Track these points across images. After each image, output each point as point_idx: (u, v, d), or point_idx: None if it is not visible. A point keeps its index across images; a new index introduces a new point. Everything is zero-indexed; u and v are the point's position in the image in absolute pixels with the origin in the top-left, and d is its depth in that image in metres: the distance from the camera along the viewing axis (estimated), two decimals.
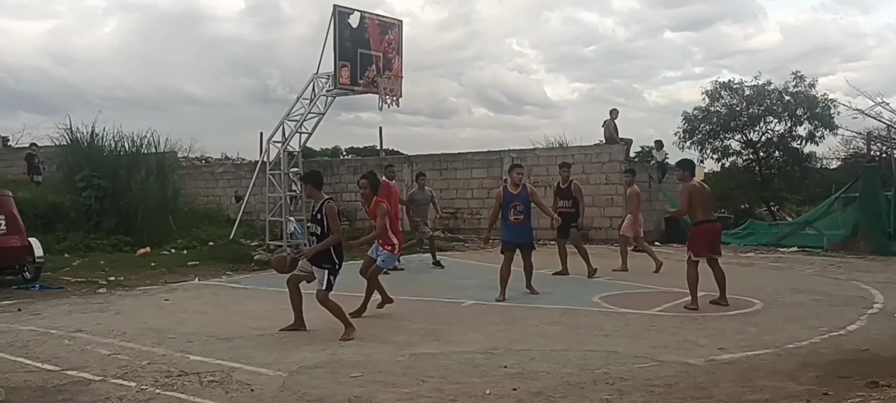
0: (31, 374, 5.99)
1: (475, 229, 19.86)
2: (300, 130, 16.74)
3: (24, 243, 11.62)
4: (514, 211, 9.82)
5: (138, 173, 16.83)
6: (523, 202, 9.85)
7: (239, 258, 14.44)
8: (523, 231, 9.99)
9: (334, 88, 16.23)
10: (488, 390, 5.42)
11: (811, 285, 10.87)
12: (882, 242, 15.86)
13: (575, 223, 12.33)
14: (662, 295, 10.06)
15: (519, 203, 9.84)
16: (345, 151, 38.90)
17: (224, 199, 23.06)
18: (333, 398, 5.29)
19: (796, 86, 25.69)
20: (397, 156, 24.56)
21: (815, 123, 25.29)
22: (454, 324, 8.12)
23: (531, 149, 21.08)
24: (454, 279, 12.18)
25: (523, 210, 9.83)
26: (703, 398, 5.14)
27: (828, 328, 7.63)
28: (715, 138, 27.59)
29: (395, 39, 17.14)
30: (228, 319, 8.42)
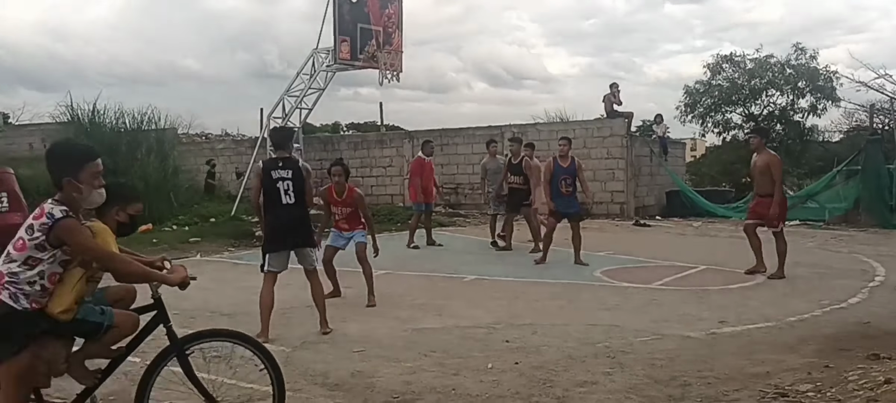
0: None
1: (476, 204, 19.85)
2: (300, 106, 16.72)
3: None
4: (563, 183, 10.34)
5: (139, 150, 16.83)
6: (571, 175, 10.39)
7: (241, 234, 14.46)
8: (571, 201, 10.46)
9: (334, 64, 16.18)
10: (490, 364, 5.45)
11: (813, 258, 10.88)
12: (884, 215, 15.87)
13: (527, 200, 12.13)
14: (664, 268, 10.08)
15: (567, 175, 10.36)
16: (345, 127, 38.83)
17: (225, 175, 23.05)
18: (336, 372, 5.32)
19: (798, 58, 25.57)
20: (398, 132, 24.51)
21: (817, 95, 25.21)
22: (456, 299, 8.15)
23: (532, 124, 21.01)
24: (455, 254, 12.20)
25: (571, 182, 10.38)
26: (704, 371, 5.16)
27: (829, 301, 7.65)
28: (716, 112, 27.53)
29: (395, 13, 17.05)
30: (231, 295, 8.45)
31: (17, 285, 3.23)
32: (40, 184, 16.51)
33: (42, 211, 3.31)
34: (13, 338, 3.21)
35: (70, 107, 17.23)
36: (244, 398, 4.34)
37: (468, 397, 4.76)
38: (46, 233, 3.25)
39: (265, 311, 6.34)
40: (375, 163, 21.83)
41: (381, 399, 4.76)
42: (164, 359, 3.72)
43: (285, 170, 6.39)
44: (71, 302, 3.36)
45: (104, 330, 3.52)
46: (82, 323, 3.45)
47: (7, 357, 3.21)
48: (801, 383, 4.65)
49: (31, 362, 3.27)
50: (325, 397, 4.82)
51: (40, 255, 3.27)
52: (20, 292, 3.23)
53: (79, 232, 3.29)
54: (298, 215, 6.42)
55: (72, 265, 3.37)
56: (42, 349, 3.32)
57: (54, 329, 3.35)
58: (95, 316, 3.51)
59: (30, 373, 3.30)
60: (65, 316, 3.36)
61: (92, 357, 3.61)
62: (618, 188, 18.59)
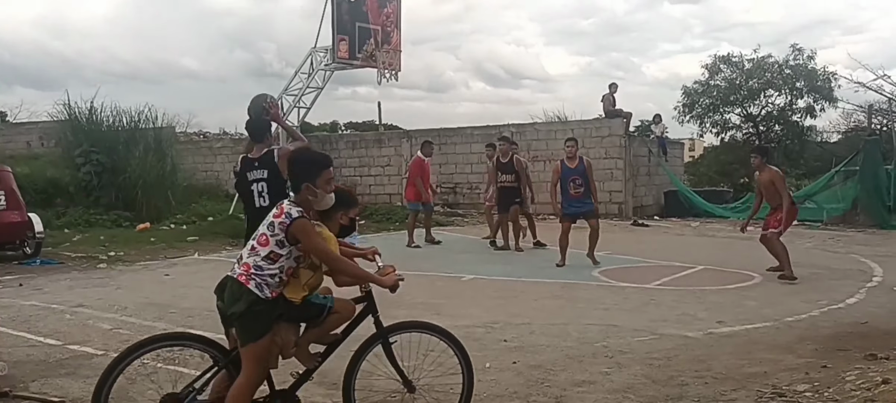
0: (33, 348, 6.02)
1: (474, 204, 19.86)
2: (298, 105, 16.71)
3: (25, 218, 11.63)
4: (573, 184, 10.25)
5: (137, 148, 16.80)
6: (580, 175, 10.28)
7: (238, 233, 14.41)
8: (583, 201, 10.34)
9: (332, 62, 16.17)
10: (488, 363, 5.45)
11: (810, 258, 10.90)
12: (882, 216, 15.89)
13: (518, 198, 12.19)
14: (662, 268, 10.09)
15: (577, 176, 10.26)
16: (343, 126, 38.83)
17: (223, 174, 23.03)
18: (334, 372, 5.29)
19: (795, 58, 25.60)
20: (396, 131, 24.49)
21: (815, 96, 25.23)
22: (454, 299, 8.15)
23: (530, 124, 21.02)
24: (453, 254, 12.20)
25: (582, 182, 10.27)
26: (701, 371, 5.17)
27: (827, 301, 7.66)
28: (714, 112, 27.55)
29: (393, 12, 17.04)
30: None
31: (262, 276, 3.58)
32: (38, 182, 16.59)
33: (281, 210, 3.65)
34: (260, 324, 3.56)
35: (68, 105, 17.21)
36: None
37: None
38: (285, 231, 3.58)
39: None
40: (373, 162, 21.83)
41: (378, 398, 4.75)
42: (369, 346, 4.09)
43: (261, 170, 6.11)
44: (303, 294, 3.78)
45: (326, 313, 3.87)
46: (309, 306, 3.82)
47: (252, 340, 3.56)
48: (799, 383, 4.66)
49: (269, 345, 3.63)
50: (323, 396, 4.82)
51: (280, 251, 3.60)
52: (264, 283, 3.57)
53: (311, 231, 3.64)
54: None
55: (303, 263, 3.73)
56: (276, 334, 3.68)
57: (287, 312, 3.70)
58: (319, 299, 3.88)
59: (267, 355, 3.65)
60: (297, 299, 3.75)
61: (313, 341, 3.96)
62: (616, 188, 18.60)
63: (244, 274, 3.60)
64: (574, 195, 10.28)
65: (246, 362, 3.59)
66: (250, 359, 3.58)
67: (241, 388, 3.59)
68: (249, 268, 3.60)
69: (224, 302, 3.66)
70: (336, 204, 3.91)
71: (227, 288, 3.66)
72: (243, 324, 3.57)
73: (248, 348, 3.57)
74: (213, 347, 3.83)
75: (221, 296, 3.70)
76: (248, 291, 3.55)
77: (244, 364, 3.60)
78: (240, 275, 3.61)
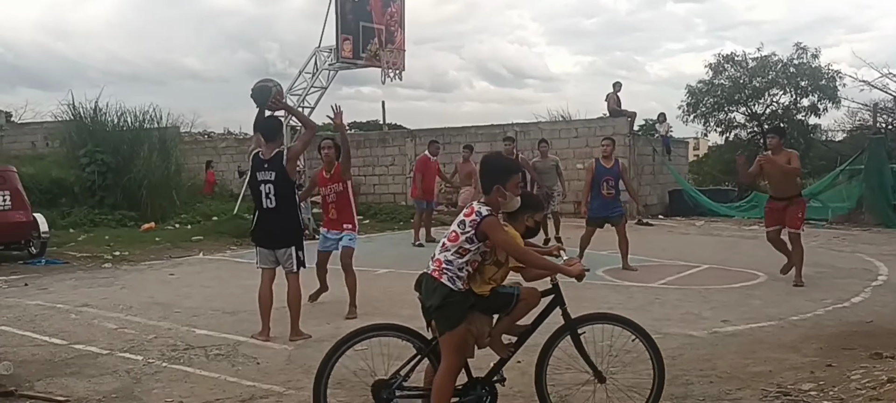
0: (38, 348, 6.04)
1: None
2: (302, 104, 16.69)
3: (30, 218, 11.67)
4: (606, 185, 9.97)
5: (141, 148, 16.81)
6: (614, 176, 10.00)
7: (242, 233, 14.46)
8: (613, 204, 10.07)
9: (336, 62, 16.16)
10: (492, 363, 5.43)
11: (815, 257, 10.86)
12: (887, 214, 15.84)
13: None
14: (666, 267, 10.08)
15: (610, 177, 9.99)
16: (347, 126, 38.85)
17: (227, 174, 23.07)
18: (339, 371, 5.29)
19: (799, 57, 25.54)
20: (400, 131, 24.50)
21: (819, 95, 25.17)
22: None
23: (534, 123, 21.00)
24: None
25: (614, 184, 9.99)
26: (706, 370, 5.16)
27: (832, 300, 7.64)
28: (719, 111, 27.48)
29: (397, 12, 17.03)
30: (233, 293, 8.45)
31: (452, 270, 3.85)
32: (43, 182, 16.62)
33: (472, 210, 3.92)
34: (454, 314, 3.84)
35: (72, 105, 17.23)
36: None
37: None
38: (475, 228, 3.84)
39: (263, 309, 6.32)
40: (378, 161, 21.84)
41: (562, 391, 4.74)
42: (558, 337, 4.28)
43: (269, 172, 6.17)
44: (488, 288, 4.01)
45: (515, 302, 4.09)
46: (498, 296, 4.05)
47: (448, 329, 3.83)
48: (804, 382, 4.65)
49: (465, 334, 3.90)
50: (328, 395, 4.80)
51: (469, 246, 3.86)
52: (455, 276, 3.85)
53: (499, 228, 3.89)
54: (278, 219, 6.23)
55: (488, 259, 3.99)
56: (471, 324, 3.95)
57: (479, 305, 3.97)
58: (506, 289, 4.10)
59: (464, 344, 3.92)
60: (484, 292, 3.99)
61: (504, 332, 4.18)
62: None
63: (437, 269, 3.90)
64: (607, 196, 9.96)
65: (445, 350, 3.88)
66: (449, 348, 3.87)
67: (443, 375, 3.88)
68: (441, 264, 3.89)
69: (422, 297, 3.98)
70: (524, 207, 4.15)
71: (423, 283, 3.98)
72: (440, 315, 3.87)
73: (446, 337, 3.86)
74: (416, 337, 4.12)
75: (421, 291, 4.01)
76: (441, 285, 3.85)
77: (443, 352, 3.89)
78: (433, 271, 3.92)
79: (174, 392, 4.89)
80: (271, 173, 6.18)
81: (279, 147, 6.31)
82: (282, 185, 6.19)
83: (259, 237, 6.37)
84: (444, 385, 3.89)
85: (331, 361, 4.04)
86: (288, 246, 6.26)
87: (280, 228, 6.26)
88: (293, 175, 6.28)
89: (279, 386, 4.97)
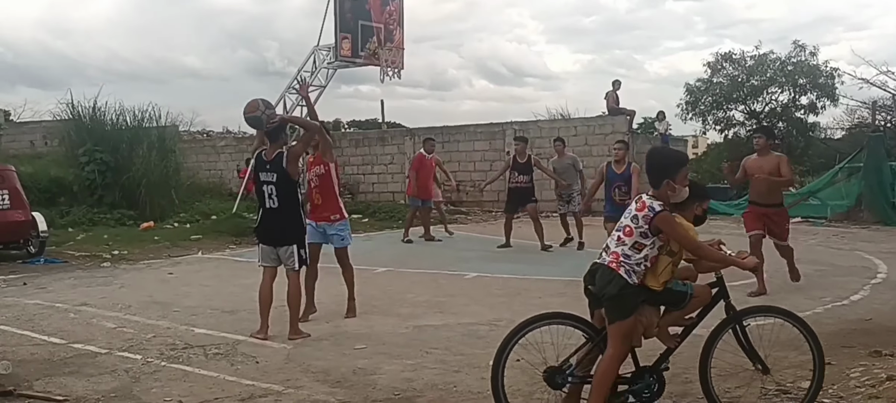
0: (37, 347, 6.03)
1: (478, 201, 19.86)
2: (301, 103, 16.68)
3: (28, 217, 11.66)
4: (618, 191, 9.36)
5: (140, 147, 16.81)
6: (625, 182, 9.36)
7: (242, 231, 14.46)
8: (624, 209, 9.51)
9: (335, 61, 16.16)
10: (492, 361, 5.43)
11: (814, 255, 10.86)
12: (886, 212, 15.85)
13: (533, 198, 12.11)
14: None
15: (621, 183, 9.39)
16: (346, 124, 38.84)
17: (226, 173, 23.05)
18: (338, 369, 5.33)
19: (797, 55, 25.53)
20: (399, 129, 24.50)
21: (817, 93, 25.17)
22: (457, 296, 8.15)
23: (534, 121, 21.00)
24: (457, 251, 12.19)
25: (627, 190, 9.25)
26: None
27: (831, 298, 7.64)
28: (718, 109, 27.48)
29: (396, 10, 17.03)
30: (232, 292, 8.45)
31: (629, 264, 3.96)
32: (41, 181, 16.61)
33: (643, 205, 4.01)
34: (627, 306, 3.96)
35: (71, 104, 17.22)
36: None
37: (469, 394, 4.76)
38: (648, 223, 3.95)
39: (263, 306, 6.32)
40: (377, 160, 21.83)
41: (382, 396, 4.76)
42: (722, 329, 4.31)
43: (271, 173, 6.20)
44: (661, 281, 4.07)
45: (687, 299, 4.16)
46: (671, 293, 4.13)
47: (619, 319, 3.95)
48: (803, 380, 4.64)
49: (634, 324, 4.01)
50: (327, 394, 4.81)
51: (644, 241, 3.96)
52: (631, 270, 3.95)
53: (673, 222, 3.98)
54: (280, 219, 6.25)
55: (662, 251, 4.04)
56: (641, 315, 4.05)
57: (651, 298, 4.07)
58: (680, 286, 4.16)
59: (632, 334, 4.03)
60: (657, 287, 4.06)
61: (672, 324, 4.25)
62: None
63: (614, 261, 3.99)
64: (619, 203, 9.12)
65: (613, 339, 3.99)
66: (617, 336, 3.97)
67: (609, 361, 3.99)
68: (618, 257, 3.98)
69: (595, 287, 4.07)
70: (692, 197, 4.20)
71: (597, 274, 4.06)
72: (613, 305, 3.97)
73: (616, 326, 3.97)
74: (587, 326, 4.22)
75: (591, 282, 4.11)
76: (618, 276, 3.94)
77: (611, 340, 3.99)
78: (610, 263, 4.00)
79: (173, 391, 4.88)
80: (273, 174, 6.21)
81: (281, 147, 6.33)
82: (284, 186, 6.21)
83: (262, 234, 6.40)
84: (609, 371, 3.99)
85: (506, 350, 4.16)
86: (290, 244, 6.27)
87: (282, 227, 6.28)
88: (296, 175, 6.29)
89: (278, 385, 4.97)
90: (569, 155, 12.94)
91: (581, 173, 12.77)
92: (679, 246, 4.05)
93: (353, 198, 20.94)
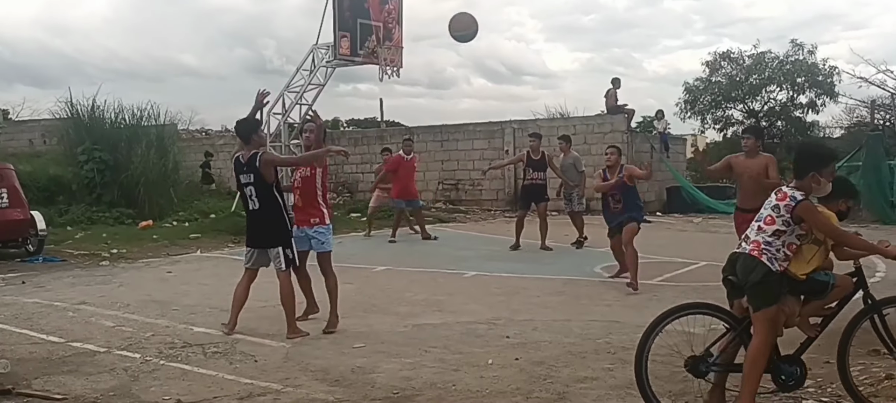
0: (36, 346, 6.03)
1: (476, 200, 19.85)
2: (300, 102, 16.68)
3: (27, 216, 11.65)
4: (612, 199, 8.85)
5: (139, 145, 16.80)
6: (618, 191, 8.77)
7: (240, 230, 14.36)
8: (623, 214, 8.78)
9: (334, 59, 16.14)
10: (491, 360, 5.45)
11: None
12: (884, 211, 15.86)
13: (546, 197, 12.01)
14: (664, 264, 10.08)
15: (615, 192, 8.79)
16: (345, 123, 38.80)
17: (225, 172, 23.01)
18: (337, 368, 5.32)
19: (795, 54, 25.55)
20: (398, 128, 24.50)
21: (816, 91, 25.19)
22: (456, 295, 8.15)
23: (532, 120, 21.00)
24: (455, 250, 12.20)
25: (620, 198, 8.75)
26: None
27: None
28: (716, 108, 27.49)
29: (395, 9, 16.99)
30: (231, 291, 8.37)
31: (771, 251, 4.06)
32: (40, 180, 16.60)
33: (785, 195, 4.11)
34: (771, 293, 4.03)
35: (69, 102, 17.21)
36: None
37: (468, 393, 4.76)
38: (790, 212, 4.04)
39: (236, 304, 6.44)
40: (375, 159, 21.77)
41: (381, 394, 4.76)
42: (861, 319, 4.36)
43: (248, 174, 6.23)
44: (808, 270, 4.16)
45: (829, 289, 4.24)
46: (813, 282, 4.20)
47: (763, 307, 4.02)
48: None
49: (777, 313, 4.08)
50: (326, 392, 4.81)
51: (785, 229, 4.06)
52: (774, 258, 4.05)
53: (815, 211, 4.06)
54: (262, 220, 6.29)
55: (805, 240, 4.13)
56: (783, 304, 4.12)
57: (793, 287, 4.15)
58: (822, 276, 4.24)
59: (777, 321, 4.11)
60: (801, 275, 4.14)
61: (812, 314, 4.31)
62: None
63: (755, 249, 4.09)
64: (614, 211, 8.86)
65: (758, 326, 4.06)
66: (762, 324, 4.04)
67: (757, 349, 4.05)
68: (760, 245, 4.09)
69: (736, 275, 4.17)
70: (839, 193, 4.30)
71: (737, 263, 4.17)
72: (757, 293, 4.05)
73: (760, 313, 4.04)
74: (729, 316, 4.29)
75: (732, 271, 4.21)
76: (761, 264, 4.04)
77: (757, 328, 4.07)
78: (751, 251, 4.10)
79: (172, 389, 4.88)
80: (250, 175, 6.26)
81: (256, 147, 6.35)
82: (262, 186, 6.25)
83: (249, 237, 6.49)
84: (758, 358, 4.05)
85: (648, 341, 4.19)
86: (275, 245, 6.30)
87: (265, 228, 6.33)
88: (270, 178, 6.30)
89: (277, 384, 4.97)
90: (571, 154, 12.90)
91: (582, 173, 12.76)
92: (824, 236, 4.14)
93: (351, 197, 20.95)
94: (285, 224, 6.38)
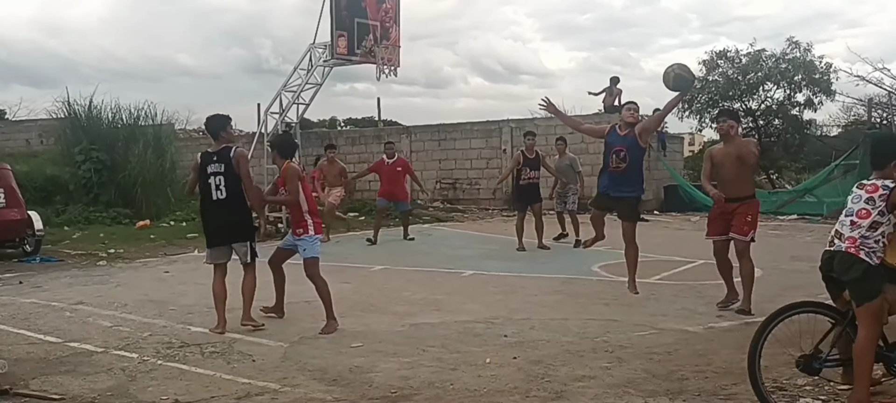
0: (33, 346, 6.02)
1: (474, 199, 19.85)
2: (297, 101, 16.65)
3: (24, 216, 11.64)
4: (615, 157, 7.79)
5: (136, 145, 16.79)
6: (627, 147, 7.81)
7: None
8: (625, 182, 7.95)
9: (331, 58, 16.09)
10: (488, 359, 5.45)
11: (810, 253, 10.83)
12: None
13: (540, 197, 12.01)
14: (661, 263, 10.09)
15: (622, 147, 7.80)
16: (342, 122, 38.79)
17: None
18: (335, 368, 5.32)
19: (792, 52, 25.54)
20: (395, 127, 24.47)
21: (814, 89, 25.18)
22: (454, 294, 8.15)
23: (530, 119, 20.99)
24: (453, 249, 12.20)
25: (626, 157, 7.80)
26: (702, 365, 5.17)
27: (827, 295, 7.62)
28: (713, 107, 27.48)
29: (392, 8, 16.95)
30: (228, 291, 8.42)
31: (867, 245, 4.12)
32: (37, 180, 16.57)
33: (876, 186, 4.19)
34: (874, 287, 4.09)
35: (66, 102, 17.21)
36: None
37: (466, 392, 4.76)
38: (885, 201, 4.12)
39: (218, 302, 6.47)
40: (373, 158, 21.73)
41: (378, 393, 4.76)
42: None
43: (218, 164, 6.31)
44: None
45: None
46: None
47: (867, 301, 4.08)
48: (800, 377, 4.65)
49: (881, 304, 4.13)
50: (324, 392, 4.81)
51: (881, 220, 4.14)
52: (872, 251, 4.11)
53: None
54: (229, 210, 6.35)
55: None
56: (886, 293, 4.16)
57: (892, 276, 4.20)
58: None
59: (881, 313, 4.16)
60: None
61: None
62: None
63: (851, 246, 4.16)
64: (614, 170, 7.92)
65: (863, 320, 4.11)
66: (867, 317, 4.09)
67: (864, 342, 4.09)
68: (856, 241, 4.15)
69: (835, 272, 4.24)
70: None
71: (834, 260, 4.23)
72: (859, 288, 4.11)
73: (864, 307, 4.09)
74: (834, 312, 4.36)
75: (830, 268, 4.28)
76: (859, 260, 4.11)
77: (862, 322, 4.11)
78: (848, 248, 4.16)
79: (169, 389, 4.88)
80: (220, 165, 6.33)
81: (227, 142, 6.44)
82: (230, 177, 6.32)
83: (212, 232, 6.53)
84: (866, 351, 4.10)
85: (759, 343, 4.24)
86: (242, 240, 6.43)
87: (230, 221, 6.39)
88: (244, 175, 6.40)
89: (275, 383, 4.96)
90: (568, 155, 12.90)
91: (579, 174, 12.76)
92: None
93: (349, 196, 20.91)
94: (250, 217, 6.54)
